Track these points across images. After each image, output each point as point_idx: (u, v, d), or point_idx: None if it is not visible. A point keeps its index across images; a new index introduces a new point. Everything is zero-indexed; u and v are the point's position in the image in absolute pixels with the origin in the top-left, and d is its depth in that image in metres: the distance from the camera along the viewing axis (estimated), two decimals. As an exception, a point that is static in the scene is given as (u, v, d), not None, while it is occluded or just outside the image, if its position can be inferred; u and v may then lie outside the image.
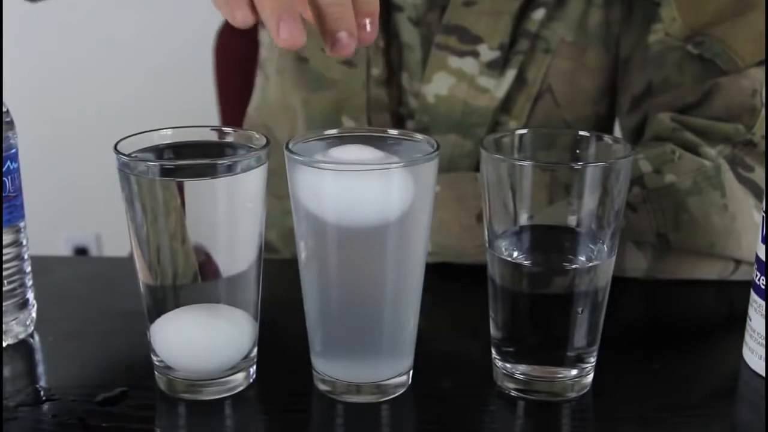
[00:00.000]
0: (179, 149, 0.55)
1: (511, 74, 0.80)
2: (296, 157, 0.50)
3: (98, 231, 1.89)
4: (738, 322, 0.59)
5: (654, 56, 0.77)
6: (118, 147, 0.52)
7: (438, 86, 0.80)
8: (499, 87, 0.80)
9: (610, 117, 0.87)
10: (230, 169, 0.51)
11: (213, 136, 0.56)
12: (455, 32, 0.79)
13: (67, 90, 1.77)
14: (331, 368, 0.54)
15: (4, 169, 0.58)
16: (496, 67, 0.79)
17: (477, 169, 0.74)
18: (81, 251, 1.90)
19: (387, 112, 0.82)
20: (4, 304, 0.59)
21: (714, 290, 0.70)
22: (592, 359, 0.54)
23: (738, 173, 0.69)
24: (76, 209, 1.83)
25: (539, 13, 0.79)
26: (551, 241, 0.53)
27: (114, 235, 1.76)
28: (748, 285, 0.58)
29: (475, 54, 0.79)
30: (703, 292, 0.69)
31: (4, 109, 0.58)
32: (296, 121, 0.88)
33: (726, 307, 0.68)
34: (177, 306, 0.53)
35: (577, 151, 0.55)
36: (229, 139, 0.56)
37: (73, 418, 0.52)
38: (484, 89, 0.80)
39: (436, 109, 0.81)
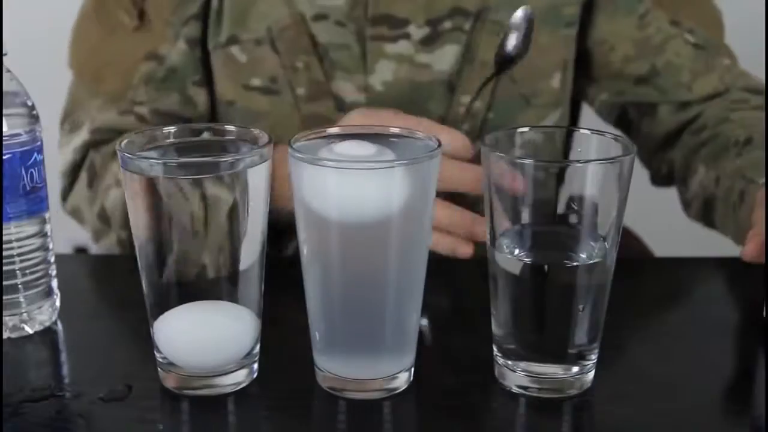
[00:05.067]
0: (182, 147, 0.55)
1: (451, 49, 0.83)
2: (298, 155, 0.50)
3: (99, 231, 1.88)
4: (739, 322, 0.59)
5: (656, 44, 0.87)
6: (121, 145, 0.52)
7: (382, 74, 0.83)
8: (441, 60, 0.83)
9: (563, 90, 0.90)
10: (233, 167, 0.51)
11: (216, 135, 0.56)
12: (383, 21, 0.82)
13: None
14: (333, 365, 0.54)
15: (30, 162, 0.59)
16: (431, 42, 0.83)
17: None
18: (81, 251, 1.90)
19: (326, 121, 0.84)
20: (28, 293, 0.61)
21: (716, 290, 0.70)
22: (594, 356, 0.54)
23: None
24: (76, 209, 1.83)
25: None
26: (552, 239, 0.53)
27: (114, 235, 1.75)
28: (752, 287, 0.58)
29: (407, 36, 0.83)
30: (705, 292, 0.69)
31: (29, 104, 0.59)
32: None
33: (728, 308, 0.68)
34: (180, 303, 0.53)
35: (579, 149, 0.55)
36: (231, 136, 0.56)
37: (76, 414, 0.52)
38: (425, 65, 0.83)
39: (386, 95, 0.84)
